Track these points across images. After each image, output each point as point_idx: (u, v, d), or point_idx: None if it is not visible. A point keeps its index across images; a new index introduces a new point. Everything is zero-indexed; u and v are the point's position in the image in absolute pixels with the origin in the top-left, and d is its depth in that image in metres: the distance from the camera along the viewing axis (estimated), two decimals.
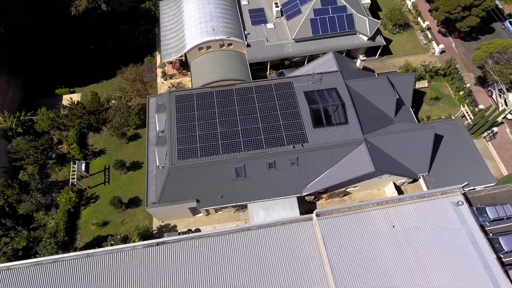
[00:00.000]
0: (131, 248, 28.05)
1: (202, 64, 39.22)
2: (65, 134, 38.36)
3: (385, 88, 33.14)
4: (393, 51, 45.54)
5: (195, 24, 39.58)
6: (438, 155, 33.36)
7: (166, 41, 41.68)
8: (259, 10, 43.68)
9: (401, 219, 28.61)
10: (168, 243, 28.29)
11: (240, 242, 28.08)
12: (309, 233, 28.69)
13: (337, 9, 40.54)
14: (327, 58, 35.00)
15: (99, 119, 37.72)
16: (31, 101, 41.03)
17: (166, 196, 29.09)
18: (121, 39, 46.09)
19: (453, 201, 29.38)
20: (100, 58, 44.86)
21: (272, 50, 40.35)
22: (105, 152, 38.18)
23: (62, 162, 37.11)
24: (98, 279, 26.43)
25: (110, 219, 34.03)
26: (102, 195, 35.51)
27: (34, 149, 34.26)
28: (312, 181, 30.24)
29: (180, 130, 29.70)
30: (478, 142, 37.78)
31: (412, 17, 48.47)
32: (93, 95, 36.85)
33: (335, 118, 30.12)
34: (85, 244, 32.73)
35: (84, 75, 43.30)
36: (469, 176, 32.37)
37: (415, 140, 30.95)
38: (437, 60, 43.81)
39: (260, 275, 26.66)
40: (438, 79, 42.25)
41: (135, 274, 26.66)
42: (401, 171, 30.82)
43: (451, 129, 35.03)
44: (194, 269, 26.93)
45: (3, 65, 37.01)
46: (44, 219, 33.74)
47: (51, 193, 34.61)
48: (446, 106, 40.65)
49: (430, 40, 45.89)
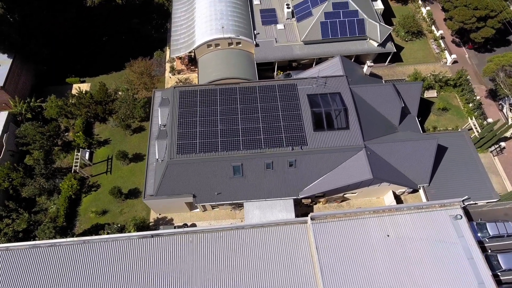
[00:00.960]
0: (126, 238, 28.52)
1: (210, 61, 39.50)
2: (72, 122, 39.22)
3: (391, 96, 32.75)
4: (403, 59, 44.93)
5: (205, 21, 39.88)
6: (441, 167, 32.80)
7: (176, 36, 42.13)
8: (270, 10, 43.71)
9: (397, 229, 28.27)
10: (163, 235, 28.65)
11: (234, 240, 28.19)
12: (303, 236, 28.62)
13: (348, 14, 40.23)
14: (334, 62, 34.80)
15: (105, 110, 38.43)
16: (42, 88, 42.03)
17: (164, 189, 29.46)
18: (133, 32, 46.81)
19: (452, 214, 28.84)
20: (112, 49, 45.64)
21: (280, 51, 40.34)
22: (110, 142, 38.87)
23: (67, 150, 37.93)
24: (92, 266, 26.95)
25: (109, 208, 34.65)
26: (103, 184, 36.18)
27: (40, 135, 35.14)
28: (309, 184, 30.15)
29: (181, 125, 30.01)
30: (484, 156, 36.98)
31: (426, 25, 47.71)
32: (101, 85, 37.58)
33: (336, 122, 29.94)
34: (83, 231, 33.42)
35: (95, 65, 44.15)
36: (471, 190, 31.74)
37: (417, 150, 30.50)
38: (448, 70, 43.02)
39: (251, 274, 26.73)
40: (448, 89, 41.50)
41: (129, 264, 27.07)
42: (400, 180, 30.43)
43: (456, 141, 34.38)
44: (187, 263, 27.17)
45: (17, 52, 38.02)
46: (46, 204, 34.58)
47: (55, 179, 35.43)
48: (454, 118, 39.89)
49: (442, 50, 45.09)
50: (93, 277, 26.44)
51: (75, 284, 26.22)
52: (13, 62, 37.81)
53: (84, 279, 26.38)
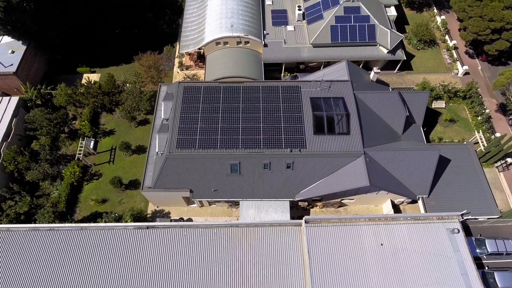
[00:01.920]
0: (122, 228, 29.03)
1: (217, 59, 39.78)
2: (80, 111, 40.06)
3: (395, 104, 32.37)
4: (414, 67, 44.31)
5: (215, 19, 40.18)
6: (442, 179, 32.28)
7: (187, 32, 42.56)
8: (282, 11, 43.71)
9: (391, 238, 27.96)
10: (158, 228, 29.05)
11: (228, 237, 28.36)
12: (296, 239, 28.59)
13: (359, 18, 39.92)
14: (340, 67, 34.59)
15: (112, 101, 39.14)
16: (54, 76, 43.08)
17: (161, 182, 29.85)
18: (146, 26, 47.50)
19: (449, 228, 28.37)
20: (124, 42, 46.39)
21: (288, 53, 40.32)
22: (114, 133, 39.58)
23: (73, 137, 38.77)
24: (88, 252, 27.55)
25: (109, 197, 35.30)
26: (105, 173, 36.87)
27: (48, 121, 36.04)
28: (306, 187, 30.09)
29: (183, 120, 30.34)
30: (489, 171, 36.21)
31: (440, 34, 46.92)
32: (109, 77, 38.28)
33: (337, 127, 29.78)
34: (82, 218, 34.13)
35: (106, 56, 44.96)
36: (472, 204, 31.13)
37: (418, 160, 30.08)
38: (458, 81, 42.24)
39: (241, 272, 26.83)
40: (457, 101, 40.76)
41: (122, 253, 27.55)
42: (399, 189, 30.07)
43: (461, 153, 33.78)
44: (179, 257, 27.48)
45: (31, 39, 39.06)
46: (49, 189, 35.44)
47: (59, 165, 36.29)
48: (462, 130, 39.15)
49: (455, 60, 44.29)
50: (88, 263, 27.04)
51: (70, 268, 26.86)
52: (27, 49, 38.89)
53: (79, 265, 27.00)
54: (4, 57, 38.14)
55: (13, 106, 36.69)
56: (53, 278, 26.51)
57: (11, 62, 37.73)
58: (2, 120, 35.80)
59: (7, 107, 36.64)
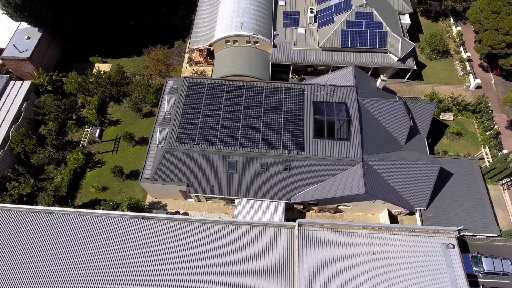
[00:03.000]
0: (118, 216, 29.57)
1: (226, 56, 40.04)
2: (89, 99, 40.98)
3: (399, 113, 31.93)
4: (425, 77, 43.57)
5: (226, 17, 40.43)
6: (443, 192, 31.71)
7: (198, 29, 42.97)
8: (294, 13, 43.62)
9: (384, 249, 27.64)
10: (153, 219, 29.51)
11: (220, 234, 28.54)
12: (288, 241, 28.55)
13: (371, 25, 39.50)
14: (346, 72, 34.32)
15: (120, 91, 39.88)
16: (67, 64, 44.18)
17: (159, 174, 30.29)
18: (159, 20, 48.17)
19: (444, 242, 27.85)
20: (137, 34, 47.16)
21: (297, 55, 40.24)
22: (120, 123, 40.33)
23: (81, 125, 39.67)
24: (83, 237, 28.20)
25: (109, 186, 36.02)
26: (108, 162, 37.62)
27: (56, 107, 37.02)
28: (302, 190, 30.03)
29: (185, 115, 30.70)
30: (494, 188, 35.36)
31: (455, 45, 45.98)
32: (118, 68, 38.99)
33: (337, 132, 29.60)
34: (82, 203, 34.94)
35: (118, 48, 45.79)
36: (471, 221, 30.51)
37: (418, 172, 29.62)
38: (469, 94, 41.33)
39: (229, 270, 26.97)
40: (466, 114, 39.89)
41: (116, 241, 28.08)
42: (396, 200, 29.69)
43: (464, 168, 33.10)
44: (170, 249, 27.82)
45: (47, 27, 40.14)
46: (53, 173, 36.41)
47: (64, 151, 37.22)
48: (468, 144, 38.32)
49: (467, 73, 43.34)
50: (82, 248, 27.65)
51: (65, 251, 27.56)
52: (42, 36, 39.99)
53: (74, 248, 27.66)
54: (20, 43, 39.33)
55: (24, 90, 37.81)
56: (48, 259, 27.27)
57: (26, 48, 38.88)
58: (13, 103, 36.93)
59: (19, 91, 37.78)
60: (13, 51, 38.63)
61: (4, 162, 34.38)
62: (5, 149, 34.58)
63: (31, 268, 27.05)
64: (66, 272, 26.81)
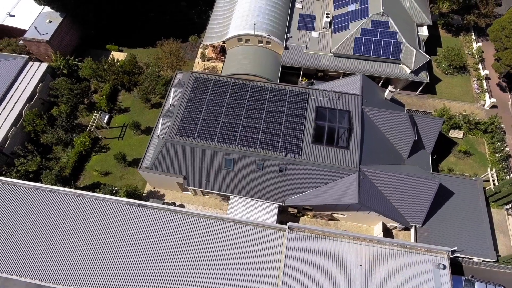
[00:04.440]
0: (115, 202, 30.40)
1: (237, 55, 40.32)
2: (102, 86, 42.15)
3: (404, 126, 31.37)
4: (438, 92, 42.55)
5: (241, 16, 40.69)
6: (441, 211, 30.97)
7: (213, 25, 43.43)
8: (310, 16, 43.45)
9: (372, 261, 27.29)
10: (148, 207, 30.17)
11: (211, 229, 28.87)
12: (277, 243, 28.62)
13: (386, 34, 38.90)
14: (354, 80, 33.92)
15: (131, 80, 40.81)
16: (84, 50, 45.55)
17: (158, 165, 30.90)
18: (178, 13, 48.94)
19: (436, 262, 27.23)
20: (154, 26, 48.07)
21: (308, 58, 40.08)
22: (129, 111, 41.29)
23: (91, 109, 40.83)
24: (80, 218, 29.17)
25: (112, 171, 36.99)
26: (113, 148, 38.62)
27: (69, 90, 38.28)
28: (296, 194, 29.97)
29: (188, 109, 31.18)
30: (498, 212, 34.26)
31: (473, 61, 44.64)
32: (132, 57, 39.90)
33: (337, 140, 29.38)
34: (84, 186, 36.03)
35: (135, 38, 46.83)
36: (468, 243, 29.70)
37: (416, 187, 29.05)
38: (482, 113, 40.09)
39: (216, 265, 27.30)
40: (477, 133, 38.72)
41: (111, 225, 28.88)
42: (390, 213, 29.22)
43: (467, 188, 32.19)
44: (161, 238, 28.37)
45: (68, 12, 41.51)
46: (60, 154, 37.69)
47: (73, 133, 38.41)
48: (476, 164, 37.23)
49: (483, 91, 42.03)
50: (78, 228, 28.63)
51: (61, 229, 28.60)
52: (62, 21, 41.41)
53: (70, 228, 28.67)
54: (41, 26, 40.84)
55: (41, 72, 39.22)
56: (44, 234, 28.45)
57: (47, 31, 40.35)
58: (29, 83, 38.40)
59: (36, 72, 39.24)
60: (34, 33, 40.19)
61: (15, 138, 35.85)
62: (17, 127, 36.05)
63: (26, 240, 28.24)
64: (59, 249, 27.89)
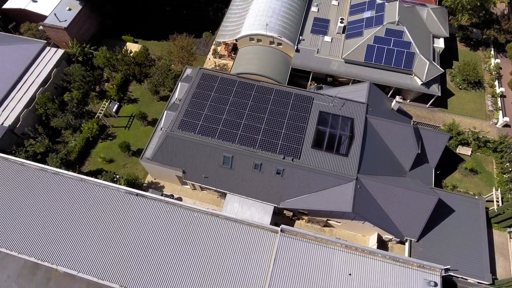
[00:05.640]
0: (115, 189, 31.14)
1: (247, 54, 40.51)
2: (114, 75, 43.10)
3: (408, 138, 30.87)
4: (450, 106, 41.59)
5: (255, 15, 40.85)
6: (439, 228, 30.34)
7: (227, 23, 43.76)
8: (324, 20, 43.17)
9: (362, 272, 27.02)
10: (145, 197, 30.77)
11: (205, 224, 29.19)
12: (268, 244, 28.70)
13: (400, 43, 38.31)
14: (361, 87, 33.56)
15: (142, 72, 41.58)
16: (101, 39, 46.66)
17: (158, 157, 31.44)
18: (195, 9, 49.47)
19: (427, 279, 26.73)
20: (171, 20, 48.70)
21: (318, 63, 39.88)
22: (138, 102, 42.08)
23: (102, 97, 41.83)
24: (80, 201, 30.07)
25: (116, 159, 37.82)
26: (119, 136, 39.47)
27: (81, 77, 39.33)
28: (292, 197, 29.96)
29: (192, 104, 31.58)
30: (500, 234, 33.30)
31: (489, 78, 43.41)
32: (144, 49, 40.63)
33: (337, 146, 29.18)
34: (88, 171, 36.98)
35: (151, 31, 47.60)
36: (463, 263, 29.03)
37: (414, 201, 28.57)
38: (493, 131, 38.96)
39: (206, 260, 27.62)
40: (486, 151, 37.68)
41: (108, 211, 29.61)
42: (385, 225, 28.84)
43: (469, 207, 31.40)
44: (155, 228, 28.91)
45: (87, 1, 42.62)
46: (68, 138, 38.79)
47: (82, 119, 39.48)
48: (481, 183, 36.24)
49: (497, 109, 40.83)
50: (77, 212, 29.52)
51: (61, 210, 29.58)
52: (81, 10, 42.55)
53: (69, 210, 29.60)
54: (61, 13, 42.09)
55: (57, 57, 40.45)
56: (44, 215, 29.46)
57: (65, 18, 41.55)
58: (45, 67, 39.67)
59: (52, 57, 40.49)
60: (53, 20, 41.46)
61: (27, 120, 37.12)
62: (30, 109, 37.31)
63: (25, 218, 29.35)
64: (56, 229, 28.85)
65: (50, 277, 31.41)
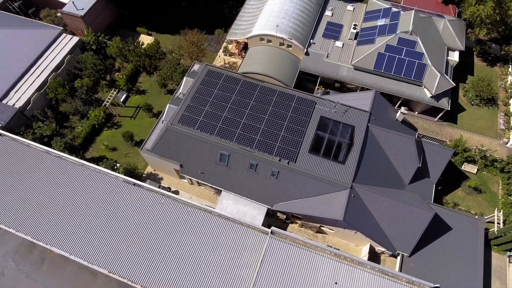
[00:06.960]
0: (114, 177, 31.75)
1: (256, 53, 40.52)
2: (125, 65, 43.91)
3: (409, 150, 30.24)
4: (459, 121, 40.48)
5: (268, 16, 40.81)
6: (434, 245, 29.61)
7: (240, 21, 43.88)
8: (337, 25, 42.73)
9: (348, 282, 26.66)
10: (142, 188, 31.25)
11: (197, 219, 29.39)
12: (257, 245, 28.66)
13: (412, 54, 37.54)
14: (366, 95, 33.03)
15: (152, 64, 42.19)
16: (116, 29, 47.58)
17: (158, 149, 31.87)
18: (210, 5, 49.84)
19: None
20: (185, 15, 49.21)
21: (326, 67, 39.51)
22: (145, 94, 42.75)
23: (112, 86, 42.70)
24: (78, 186, 30.76)
25: (119, 148, 38.56)
26: (124, 126, 40.22)
27: (92, 65, 40.24)
28: (285, 200, 29.83)
29: (194, 99, 31.85)
30: (499, 257, 32.24)
31: (505, 95, 42.02)
32: (155, 42, 41.20)
33: (334, 153, 28.86)
34: (91, 157, 37.85)
35: (165, 24, 48.23)
36: (456, 283, 28.25)
37: (409, 216, 27.97)
38: (502, 150, 37.67)
39: (193, 252, 27.78)
40: (493, 171, 36.52)
41: (106, 198, 30.18)
42: (377, 237, 28.36)
43: (467, 227, 30.50)
44: (149, 219, 29.28)
45: None
46: (75, 124, 39.79)
47: (90, 106, 40.41)
48: (485, 203, 35.16)
49: (509, 128, 39.48)
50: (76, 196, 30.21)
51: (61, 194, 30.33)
52: (98, 0, 43.47)
53: (68, 194, 30.34)
54: (79, 1, 43.13)
55: (71, 44, 41.54)
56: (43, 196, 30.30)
57: (83, 7, 42.57)
58: (59, 53, 40.80)
59: (67, 44, 41.60)
60: (71, 8, 42.55)
61: (37, 103, 38.27)
62: (41, 92, 38.44)
63: (25, 196, 30.29)
64: (52, 210, 29.60)
65: (45, 257, 32.34)
